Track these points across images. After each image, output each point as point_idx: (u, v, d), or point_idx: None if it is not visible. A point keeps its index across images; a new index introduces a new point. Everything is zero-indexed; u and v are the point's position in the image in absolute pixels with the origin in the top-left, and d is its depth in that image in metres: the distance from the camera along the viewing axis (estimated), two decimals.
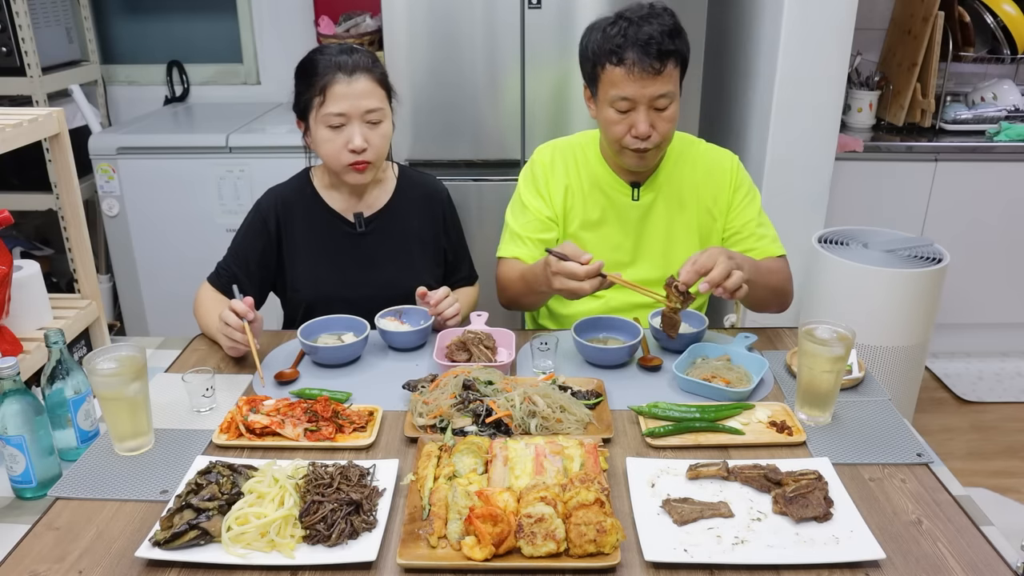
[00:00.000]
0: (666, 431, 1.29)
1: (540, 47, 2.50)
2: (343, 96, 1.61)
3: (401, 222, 1.81)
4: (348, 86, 1.61)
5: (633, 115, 1.59)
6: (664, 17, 1.56)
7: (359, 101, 1.62)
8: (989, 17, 3.11)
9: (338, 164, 1.66)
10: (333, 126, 1.63)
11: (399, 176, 1.84)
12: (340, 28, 3.13)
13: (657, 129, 1.60)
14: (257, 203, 1.78)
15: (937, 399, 3.06)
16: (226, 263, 1.76)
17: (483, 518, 1.01)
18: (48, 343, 1.27)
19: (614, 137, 1.63)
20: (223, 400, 1.41)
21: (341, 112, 1.62)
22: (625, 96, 1.56)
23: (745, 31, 2.75)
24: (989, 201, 3.03)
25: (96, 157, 2.82)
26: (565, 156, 1.79)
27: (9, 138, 1.49)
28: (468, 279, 1.95)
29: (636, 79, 1.54)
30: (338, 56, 1.63)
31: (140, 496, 1.17)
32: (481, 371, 1.39)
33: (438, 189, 1.88)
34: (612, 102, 1.59)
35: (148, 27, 3.44)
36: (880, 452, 1.26)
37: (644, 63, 1.52)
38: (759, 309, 1.74)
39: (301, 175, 1.81)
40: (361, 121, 1.63)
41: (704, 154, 1.78)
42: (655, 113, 1.59)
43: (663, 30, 1.53)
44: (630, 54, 1.53)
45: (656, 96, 1.56)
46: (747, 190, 1.77)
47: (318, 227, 1.76)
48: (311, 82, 1.63)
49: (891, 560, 1.02)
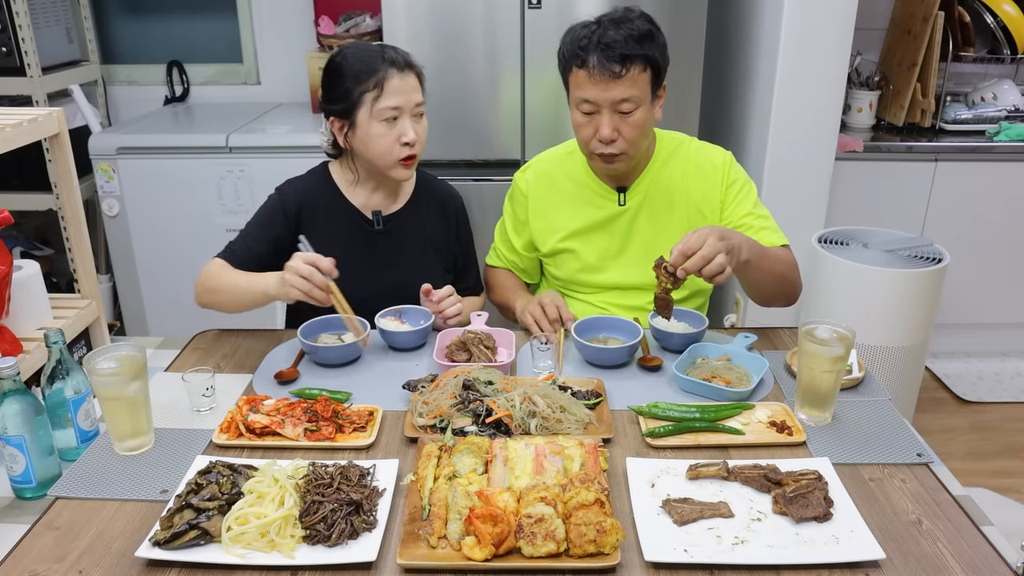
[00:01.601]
0: (666, 431, 1.29)
1: (540, 47, 2.50)
2: (398, 90, 1.63)
3: (417, 224, 1.81)
4: (402, 80, 1.63)
5: (597, 118, 1.59)
6: (636, 22, 1.56)
7: (411, 95, 1.65)
8: (989, 17, 3.11)
9: (390, 159, 1.66)
10: (388, 119, 1.63)
11: (417, 180, 1.85)
12: (340, 28, 3.13)
13: (622, 134, 1.59)
14: (279, 191, 1.76)
15: (937, 399, 3.06)
16: (238, 244, 1.72)
17: (483, 518, 1.01)
18: (48, 343, 1.27)
19: (582, 141, 1.65)
20: (223, 400, 1.41)
21: (397, 105, 1.63)
22: (587, 99, 1.57)
23: (745, 31, 2.75)
24: (989, 201, 3.03)
25: (96, 157, 2.82)
26: (547, 174, 1.81)
27: (9, 138, 1.49)
28: (474, 289, 1.94)
29: (597, 82, 1.55)
30: (384, 51, 1.65)
31: (140, 496, 1.17)
32: (481, 371, 1.39)
33: (453, 195, 1.89)
34: (577, 104, 1.60)
35: (148, 27, 3.44)
36: (880, 452, 1.26)
37: (603, 67, 1.53)
38: (766, 301, 1.70)
39: (320, 170, 1.79)
40: (411, 115, 1.66)
41: (695, 153, 1.76)
42: (619, 117, 1.58)
43: (630, 35, 1.53)
44: (592, 57, 1.54)
45: (619, 100, 1.55)
46: (741, 185, 1.74)
47: (339, 222, 1.75)
48: (362, 78, 1.62)
49: (891, 560, 1.02)
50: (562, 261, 1.80)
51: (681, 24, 2.49)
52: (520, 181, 1.84)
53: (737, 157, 1.80)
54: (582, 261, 1.77)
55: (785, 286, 1.68)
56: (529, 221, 1.81)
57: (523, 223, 1.83)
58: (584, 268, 1.78)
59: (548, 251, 1.81)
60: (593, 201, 1.76)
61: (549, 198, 1.79)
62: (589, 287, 1.80)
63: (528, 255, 1.87)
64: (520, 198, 1.83)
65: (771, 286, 1.66)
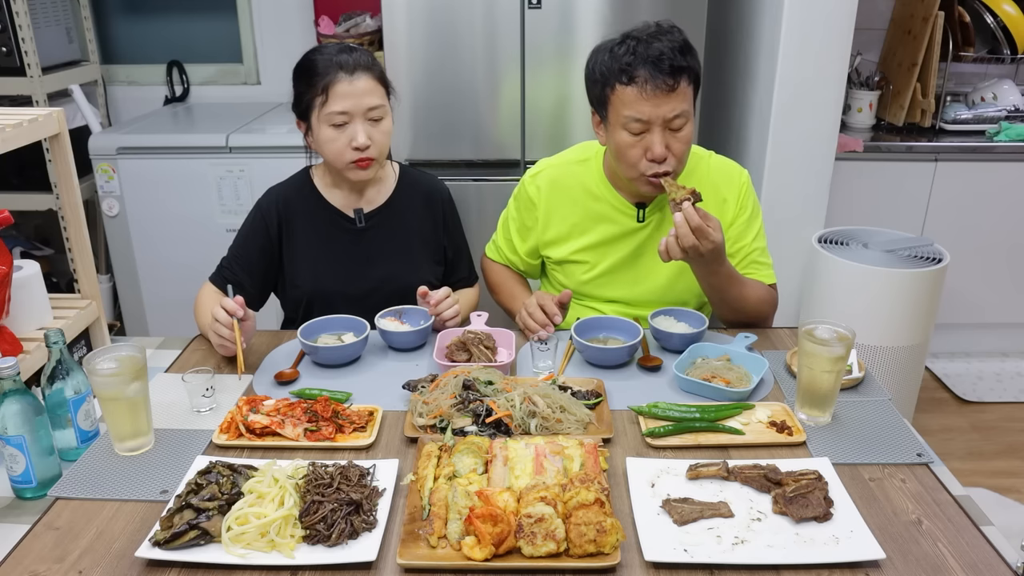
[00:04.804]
0: (666, 431, 1.29)
1: (540, 47, 2.50)
2: (345, 95, 1.62)
3: (401, 219, 1.81)
4: (350, 84, 1.62)
5: (648, 137, 1.52)
6: (674, 33, 1.52)
7: (361, 99, 1.63)
8: (989, 17, 3.11)
9: (342, 162, 1.67)
10: (336, 124, 1.64)
11: (400, 175, 1.85)
12: (340, 28, 3.13)
13: (673, 151, 1.53)
14: (258, 203, 1.79)
15: (937, 399, 3.06)
16: (227, 262, 1.78)
17: (483, 518, 1.01)
18: (48, 343, 1.27)
19: (630, 163, 1.57)
20: (223, 400, 1.41)
21: (344, 110, 1.62)
22: (639, 117, 1.50)
23: (745, 31, 2.75)
24: (989, 201, 3.03)
25: (96, 157, 2.82)
26: (560, 184, 1.76)
27: (9, 138, 1.49)
28: (467, 280, 1.95)
29: (649, 98, 1.48)
30: (338, 55, 1.64)
31: (140, 496, 1.17)
32: (481, 371, 1.39)
33: (439, 188, 1.88)
34: (625, 124, 1.53)
35: (148, 27, 3.44)
36: (880, 452, 1.26)
37: (657, 80, 1.47)
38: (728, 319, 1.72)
39: (301, 174, 1.82)
40: (364, 119, 1.64)
41: (715, 168, 1.74)
42: (670, 134, 1.52)
43: (673, 46, 1.49)
44: (641, 71, 1.48)
45: (671, 116, 1.50)
46: (751, 212, 1.73)
47: (319, 224, 1.77)
48: (312, 82, 1.64)
49: (891, 560, 1.02)
50: (571, 271, 1.79)
51: (681, 24, 2.44)
52: (530, 187, 1.79)
53: (737, 157, 1.81)
54: (592, 273, 1.76)
55: (750, 317, 1.70)
56: (538, 230, 1.79)
57: (529, 230, 1.81)
58: (592, 280, 1.77)
59: (557, 260, 1.79)
60: (610, 216, 1.72)
61: (562, 209, 1.76)
62: (595, 299, 1.79)
63: (530, 260, 1.86)
64: (528, 205, 1.79)
65: (734, 313, 1.69)
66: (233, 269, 1.75)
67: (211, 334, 1.52)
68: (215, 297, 1.70)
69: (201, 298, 1.72)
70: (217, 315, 1.48)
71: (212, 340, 1.53)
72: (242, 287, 1.68)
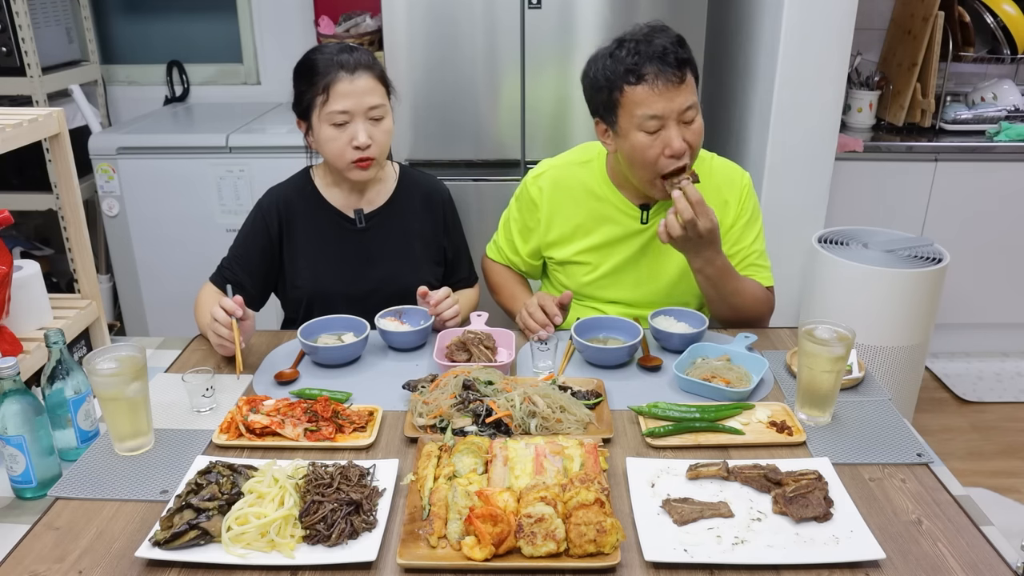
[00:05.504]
0: (666, 431, 1.29)
1: (540, 47, 2.51)
2: (346, 94, 1.62)
3: (401, 219, 1.81)
4: (351, 84, 1.62)
5: (664, 134, 1.52)
6: (668, 30, 1.54)
7: (362, 98, 1.63)
8: (989, 17, 3.11)
9: (343, 161, 1.67)
10: (337, 124, 1.64)
11: (400, 175, 1.85)
12: (340, 28, 3.14)
13: (690, 144, 1.53)
14: (258, 203, 1.79)
15: (937, 399, 3.06)
16: (227, 262, 1.78)
17: (483, 518, 1.01)
18: (48, 343, 1.27)
19: (648, 162, 1.55)
20: (223, 400, 1.41)
21: (345, 110, 1.63)
22: (654, 114, 1.50)
23: (745, 31, 2.76)
24: (989, 201, 3.03)
25: (96, 157, 2.82)
26: (563, 185, 1.76)
27: (9, 138, 1.49)
28: (467, 280, 1.95)
29: (661, 93, 1.48)
30: (339, 55, 1.64)
31: (140, 496, 1.17)
32: (481, 371, 1.39)
33: (439, 189, 1.88)
34: (640, 124, 1.52)
35: (148, 27, 3.44)
36: (880, 452, 1.26)
37: (667, 74, 1.48)
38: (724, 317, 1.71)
39: (302, 174, 1.82)
40: (364, 118, 1.65)
41: (717, 170, 1.74)
42: (684, 127, 1.53)
43: (672, 41, 1.51)
44: (649, 68, 1.48)
45: (684, 108, 1.51)
46: (750, 215, 1.73)
47: (319, 224, 1.77)
48: (313, 81, 1.64)
49: (891, 560, 1.02)
50: (572, 272, 1.79)
51: (681, 24, 2.46)
52: (532, 188, 1.78)
53: (737, 157, 1.81)
54: (594, 275, 1.76)
55: (745, 319, 1.70)
56: (540, 231, 1.79)
57: (531, 231, 1.81)
58: (594, 282, 1.77)
59: (560, 261, 1.80)
60: (613, 217, 1.72)
61: (565, 211, 1.76)
62: (596, 300, 1.79)
63: (532, 261, 1.86)
64: (530, 206, 1.79)
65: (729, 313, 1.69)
66: (233, 269, 1.75)
67: (210, 334, 1.52)
68: (215, 297, 1.70)
69: (201, 298, 1.72)
70: (216, 315, 1.48)
71: (211, 340, 1.53)
72: (242, 287, 1.69)
